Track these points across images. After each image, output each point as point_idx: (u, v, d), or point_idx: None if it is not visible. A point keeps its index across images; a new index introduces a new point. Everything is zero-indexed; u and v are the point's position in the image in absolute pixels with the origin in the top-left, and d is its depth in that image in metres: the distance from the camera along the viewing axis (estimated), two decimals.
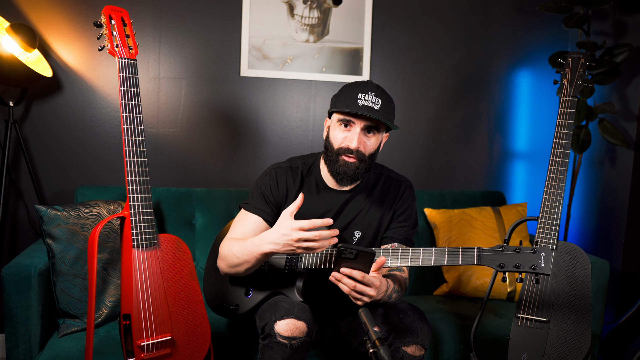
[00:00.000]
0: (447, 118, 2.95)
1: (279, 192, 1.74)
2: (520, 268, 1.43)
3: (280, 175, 1.76)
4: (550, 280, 1.90)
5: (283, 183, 1.75)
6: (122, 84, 1.64)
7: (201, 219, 2.37)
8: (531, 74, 3.03)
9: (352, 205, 1.77)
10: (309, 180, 1.77)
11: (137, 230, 1.64)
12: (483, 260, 1.47)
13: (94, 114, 2.51)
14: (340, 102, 1.66)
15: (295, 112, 2.75)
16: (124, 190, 2.27)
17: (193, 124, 2.63)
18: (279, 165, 1.79)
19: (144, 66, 2.55)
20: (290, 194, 1.75)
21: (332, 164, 1.68)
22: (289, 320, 1.51)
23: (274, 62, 2.68)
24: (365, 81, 1.69)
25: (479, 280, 2.40)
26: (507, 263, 1.44)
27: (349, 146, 1.64)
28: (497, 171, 3.04)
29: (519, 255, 1.44)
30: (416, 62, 2.87)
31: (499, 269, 1.45)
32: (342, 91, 1.69)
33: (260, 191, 1.74)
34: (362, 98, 1.62)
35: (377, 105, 1.62)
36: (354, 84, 1.68)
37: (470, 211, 2.54)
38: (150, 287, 1.66)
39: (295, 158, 1.83)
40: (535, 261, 1.43)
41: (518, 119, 3.04)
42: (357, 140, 1.63)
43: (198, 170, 2.66)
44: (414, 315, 1.59)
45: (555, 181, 1.93)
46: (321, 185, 1.77)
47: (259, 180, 1.77)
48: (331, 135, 1.70)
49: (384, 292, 1.57)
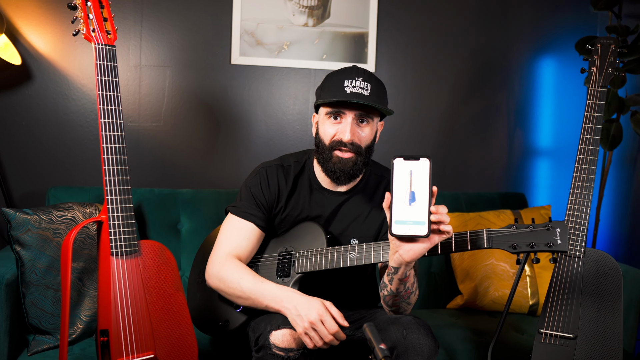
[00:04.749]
0: (462, 111, 2.95)
1: (270, 193, 1.75)
2: (535, 247, 1.44)
3: (271, 174, 1.77)
4: (577, 291, 1.90)
5: (274, 183, 1.76)
6: (99, 72, 1.63)
7: (187, 223, 2.37)
8: (556, 61, 3.03)
9: (348, 209, 1.77)
10: (301, 179, 1.78)
11: (116, 236, 1.64)
12: (493, 243, 1.48)
13: (68, 107, 2.51)
14: (326, 93, 1.67)
15: (293, 105, 2.75)
16: (101, 191, 2.27)
17: (178, 118, 2.63)
18: (269, 163, 1.79)
19: (123, 53, 2.55)
20: (282, 194, 1.76)
21: (326, 162, 1.69)
22: (285, 331, 1.51)
23: (269, 48, 2.68)
24: (350, 67, 1.70)
25: (497, 292, 2.40)
26: (520, 243, 1.45)
27: (342, 139, 1.65)
28: (518, 170, 3.04)
29: (532, 233, 1.46)
30: (427, 49, 2.88)
31: (512, 251, 1.46)
32: (327, 80, 1.70)
33: (249, 193, 1.75)
34: (349, 85, 1.63)
35: (367, 90, 1.63)
36: (338, 71, 1.69)
37: (487, 215, 2.54)
38: (130, 300, 1.66)
39: (287, 156, 1.84)
40: (551, 238, 1.44)
41: (541, 112, 3.04)
42: (349, 131, 1.64)
43: (184, 169, 2.66)
44: (419, 331, 1.59)
45: (583, 181, 1.93)
46: (314, 185, 1.77)
47: (248, 180, 1.78)
48: (321, 130, 1.70)
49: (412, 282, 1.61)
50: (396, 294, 1.61)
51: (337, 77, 1.67)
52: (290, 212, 1.78)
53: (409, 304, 1.68)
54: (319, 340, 1.48)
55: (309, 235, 1.75)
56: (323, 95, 1.68)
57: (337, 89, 1.64)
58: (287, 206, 1.79)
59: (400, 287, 1.59)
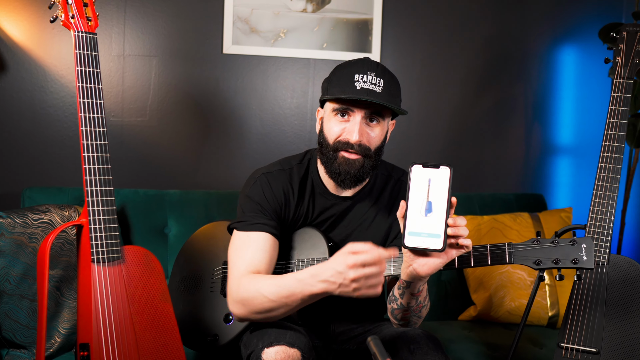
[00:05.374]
0: (475, 105, 2.95)
1: (276, 200, 1.70)
2: (560, 264, 1.48)
3: (274, 180, 1.72)
4: (600, 301, 1.90)
5: (279, 190, 1.71)
6: (78, 63, 1.63)
7: (175, 227, 2.36)
8: (577, 50, 3.03)
9: (353, 214, 1.76)
10: (307, 183, 1.76)
11: (98, 241, 1.64)
12: (515, 258, 1.51)
13: (45, 100, 2.51)
14: (334, 87, 1.65)
15: (290, 98, 2.75)
16: (81, 192, 2.27)
17: (165, 112, 2.63)
18: (268, 170, 1.75)
19: (105, 41, 2.55)
20: (290, 201, 1.72)
21: (330, 163, 1.66)
22: (279, 348, 1.51)
23: (264, 36, 2.68)
24: (361, 59, 1.68)
25: (513, 302, 2.40)
26: (544, 259, 1.49)
27: (349, 139, 1.63)
28: (536, 169, 3.04)
29: (557, 248, 1.49)
30: (438, 37, 2.87)
31: (536, 267, 1.49)
32: (335, 73, 1.68)
33: (253, 203, 1.70)
34: (359, 80, 1.61)
35: (379, 87, 1.62)
36: (348, 63, 1.67)
37: (503, 218, 2.54)
38: (113, 311, 1.65)
39: (285, 159, 1.80)
40: (576, 254, 1.48)
41: (561, 105, 3.04)
42: (357, 132, 1.62)
43: (171, 168, 2.66)
44: (428, 346, 1.58)
45: (607, 181, 1.93)
46: (318, 188, 1.75)
47: (247, 191, 1.72)
48: (325, 128, 1.68)
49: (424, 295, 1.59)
50: (407, 308, 1.61)
51: (346, 70, 1.64)
52: (294, 220, 1.76)
53: (420, 318, 1.68)
54: (375, 280, 1.38)
55: (309, 242, 1.73)
56: (330, 89, 1.66)
57: (346, 84, 1.62)
58: (295, 214, 1.75)
59: (412, 301, 1.59)
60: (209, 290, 1.88)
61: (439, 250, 1.36)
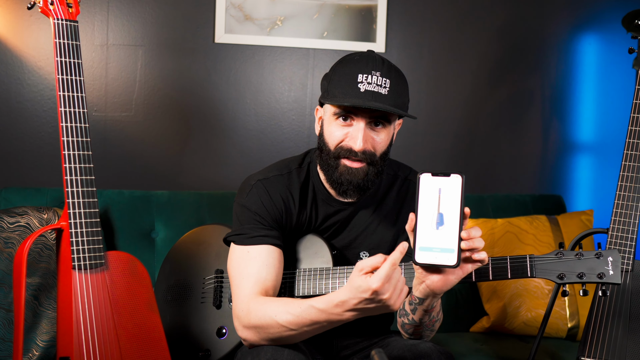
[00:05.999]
0: (488, 98, 2.95)
1: (275, 207, 1.67)
2: (584, 278, 1.48)
3: (271, 186, 1.69)
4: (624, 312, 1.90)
5: (278, 198, 1.68)
6: (58, 53, 1.63)
7: (163, 231, 2.36)
8: (599, 39, 3.03)
9: (358, 218, 1.75)
10: (307, 188, 1.74)
11: (79, 246, 1.64)
12: (537, 271, 1.51)
13: (22, 93, 2.51)
14: (335, 89, 1.61)
15: (288, 91, 2.75)
16: (60, 193, 2.26)
17: (152, 107, 2.63)
18: (265, 176, 1.72)
19: (87, 30, 2.55)
20: (290, 210, 1.69)
21: (331, 171, 1.64)
22: None
23: (260, 24, 2.68)
24: (365, 54, 1.63)
25: (530, 313, 2.40)
26: (569, 273, 1.49)
27: (352, 147, 1.60)
28: (554, 168, 3.04)
29: (581, 261, 1.50)
30: (447, 25, 2.87)
31: (559, 281, 1.49)
32: (336, 71, 1.64)
33: (251, 213, 1.67)
34: (363, 81, 1.58)
35: (385, 88, 1.58)
36: (351, 59, 1.63)
37: (518, 221, 2.54)
38: (95, 322, 1.65)
39: (284, 162, 1.78)
40: (602, 268, 1.48)
41: (582, 99, 3.04)
42: (361, 139, 1.59)
43: (159, 167, 2.66)
44: None
45: (631, 181, 1.93)
46: (320, 194, 1.74)
47: (243, 200, 1.69)
48: (326, 132, 1.65)
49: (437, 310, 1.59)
50: (419, 324, 1.61)
51: (349, 69, 1.61)
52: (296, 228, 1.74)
53: (433, 331, 1.69)
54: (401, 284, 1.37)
55: (311, 250, 1.72)
56: (331, 90, 1.62)
57: (348, 85, 1.59)
58: (297, 222, 1.73)
59: (425, 317, 1.59)
60: (199, 301, 1.87)
61: (453, 267, 1.34)
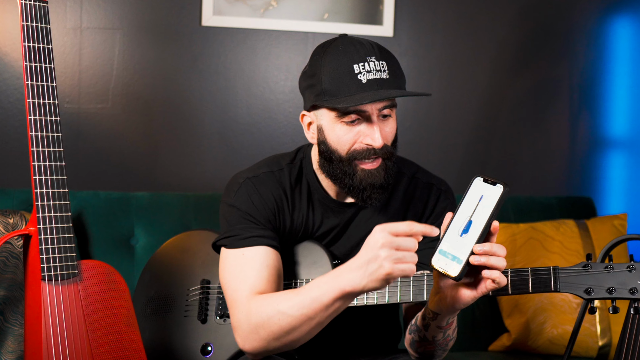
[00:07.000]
0: (509, 89, 2.95)
1: (266, 206, 1.68)
2: (614, 293, 1.47)
3: (261, 184, 1.70)
4: None
5: (269, 196, 1.69)
6: (25, 37, 1.63)
7: (144, 237, 2.37)
8: (633, 22, 3.03)
9: (360, 221, 1.75)
10: (301, 188, 1.75)
11: (49, 254, 1.64)
12: (562, 285, 1.51)
13: None
14: (333, 88, 1.58)
15: (284, 79, 2.75)
16: (28, 195, 2.27)
17: (132, 98, 2.64)
18: (254, 173, 1.72)
19: (59, 11, 2.56)
20: (283, 207, 1.71)
21: (348, 178, 1.62)
22: None
23: (252, 4, 2.68)
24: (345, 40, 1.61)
25: (556, 330, 2.40)
26: (597, 287, 1.48)
27: (371, 145, 1.59)
28: (583, 167, 3.04)
29: (611, 275, 1.49)
30: (464, 6, 2.88)
31: (586, 296, 1.49)
32: (322, 68, 1.60)
33: (241, 212, 1.68)
34: (361, 70, 1.56)
35: (385, 71, 1.58)
36: (334, 51, 1.60)
37: (543, 226, 2.54)
38: (67, 338, 1.66)
39: (274, 158, 1.78)
40: (635, 283, 1.47)
41: (614, 89, 3.04)
42: (380, 135, 1.58)
43: (139, 165, 2.66)
44: None
45: None
46: (316, 194, 1.74)
47: (230, 200, 1.70)
48: (330, 138, 1.63)
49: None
50: (431, 342, 1.60)
51: (338, 62, 1.58)
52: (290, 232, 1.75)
53: (446, 351, 1.66)
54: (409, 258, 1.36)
55: (309, 259, 1.73)
56: (328, 90, 1.59)
57: (348, 80, 1.56)
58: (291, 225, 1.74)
59: (439, 335, 1.56)
60: (182, 315, 1.88)
61: (453, 278, 1.34)
